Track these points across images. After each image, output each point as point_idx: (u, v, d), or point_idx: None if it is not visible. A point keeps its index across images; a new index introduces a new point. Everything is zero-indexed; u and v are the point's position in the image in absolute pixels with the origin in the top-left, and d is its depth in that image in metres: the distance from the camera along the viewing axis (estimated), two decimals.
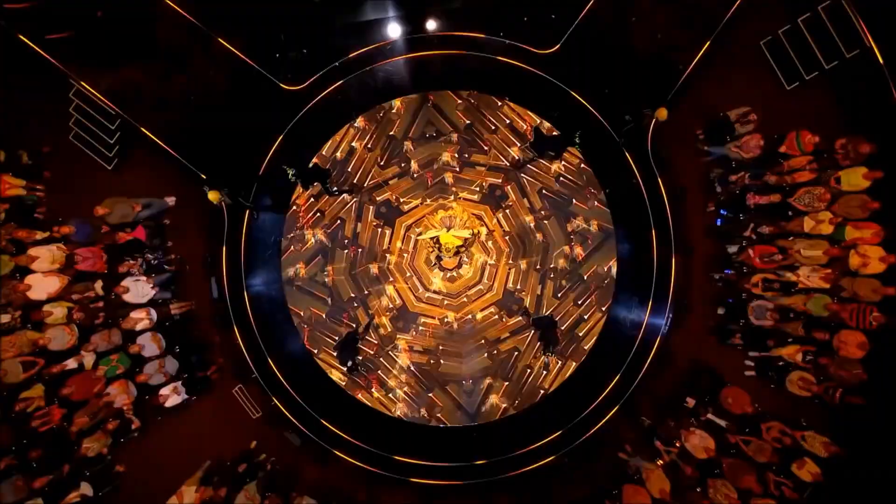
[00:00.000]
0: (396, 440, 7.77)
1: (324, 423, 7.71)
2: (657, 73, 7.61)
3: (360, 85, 7.96)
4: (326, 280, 7.90)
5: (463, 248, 7.76)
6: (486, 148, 8.00)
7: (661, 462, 7.03)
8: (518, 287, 7.93)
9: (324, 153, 7.94)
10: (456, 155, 7.99)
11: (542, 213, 7.96)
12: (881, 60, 6.77)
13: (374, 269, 7.93)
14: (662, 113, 6.83)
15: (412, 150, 7.99)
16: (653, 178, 7.77)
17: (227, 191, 6.93)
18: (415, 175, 7.97)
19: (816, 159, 6.80)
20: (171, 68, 7.65)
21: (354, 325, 7.81)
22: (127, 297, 6.85)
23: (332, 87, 7.90)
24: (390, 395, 7.83)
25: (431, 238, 7.82)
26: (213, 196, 6.73)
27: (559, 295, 7.89)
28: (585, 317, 7.86)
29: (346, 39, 7.89)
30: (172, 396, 7.08)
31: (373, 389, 7.77)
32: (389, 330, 7.89)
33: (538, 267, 7.93)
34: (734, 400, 6.94)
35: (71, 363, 6.49)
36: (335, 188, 7.80)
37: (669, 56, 7.54)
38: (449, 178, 7.97)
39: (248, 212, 7.71)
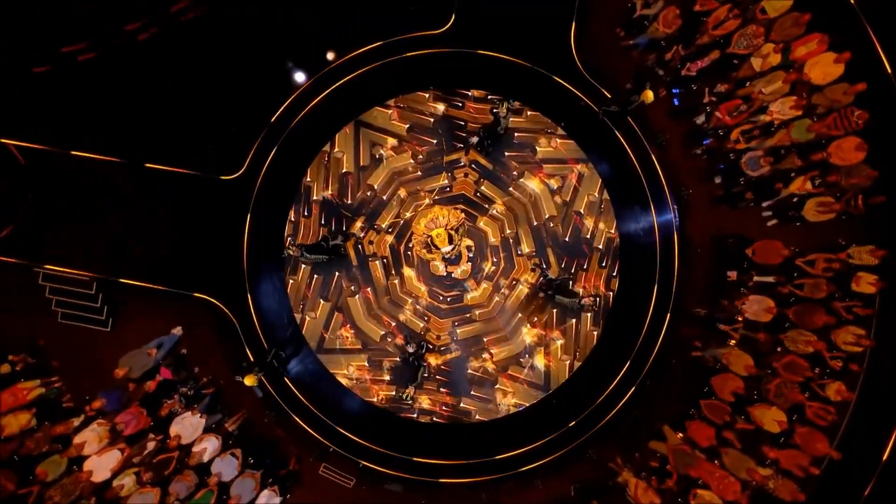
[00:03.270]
0: (490, 441, 7.77)
1: (416, 460, 7.72)
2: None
3: (293, 143, 7.94)
4: (352, 332, 7.90)
5: (454, 231, 7.71)
6: (434, 141, 8.00)
7: (734, 342, 7.05)
8: (528, 251, 7.93)
9: (291, 219, 7.94)
10: (412, 160, 7.98)
11: (514, 173, 7.96)
12: None
13: (385, 300, 7.93)
14: (648, 95, 6.81)
15: (371, 176, 7.99)
16: (596, 92, 7.79)
17: (257, 369, 6.99)
18: (385, 197, 7.97)
19: (735, 3, 6.82)
20: (115, 210, 7.68)
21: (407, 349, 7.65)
22: (184, 441, 6.86)
23: (270, 158, 7.89)
24: (461, 404, 7.84)
25: (422, 243, 7.80)
26: (249, 381, 6.78)
27: (566, 238, 7.90)
28: (600, 246, 7.87)
29: (260, 107, 7.90)
30: None
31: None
32: (436, 345, 7.91)
33: (534, 224, 7.93)
34: (766, 252, 6.95)
35: None
36: (342, 248, 7.80)
37: None
38: (417, 184, 7.98)
39: (251, 306, 7.74)
